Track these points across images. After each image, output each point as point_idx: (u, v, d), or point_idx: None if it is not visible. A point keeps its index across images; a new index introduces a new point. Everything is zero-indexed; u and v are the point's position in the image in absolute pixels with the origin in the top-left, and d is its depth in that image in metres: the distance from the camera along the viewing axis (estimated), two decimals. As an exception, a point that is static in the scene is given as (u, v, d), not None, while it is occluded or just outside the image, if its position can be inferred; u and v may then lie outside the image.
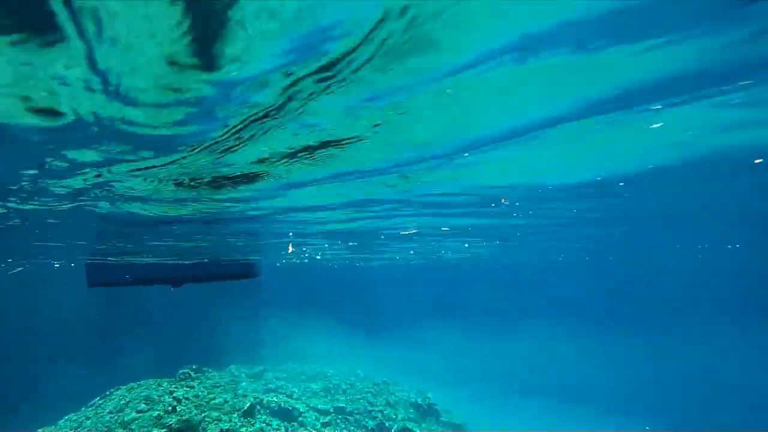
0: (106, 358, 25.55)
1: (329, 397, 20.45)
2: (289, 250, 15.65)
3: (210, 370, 21.39)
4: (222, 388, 18.82)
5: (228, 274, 18.52)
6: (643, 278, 43.78)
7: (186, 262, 20.01)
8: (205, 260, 20.40)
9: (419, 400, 22.38)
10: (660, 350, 45.63)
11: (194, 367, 20.86)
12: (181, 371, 19.76)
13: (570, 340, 47.14)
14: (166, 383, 18.21)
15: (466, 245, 20.88)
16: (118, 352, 26.47)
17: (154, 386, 17.77)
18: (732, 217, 12.51)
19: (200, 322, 32.16)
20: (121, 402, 16.43)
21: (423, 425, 19.91)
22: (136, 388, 17.59)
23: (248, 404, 16.85)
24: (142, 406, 15.84)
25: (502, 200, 9.60)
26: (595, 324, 53.28)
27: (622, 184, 8.43)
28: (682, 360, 42.06)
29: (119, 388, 17.77)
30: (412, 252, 23.66)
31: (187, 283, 15.69)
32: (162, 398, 16.57)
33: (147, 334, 28.28)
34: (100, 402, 16.77)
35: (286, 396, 19.23)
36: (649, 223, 13.84)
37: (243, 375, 21.37)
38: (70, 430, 15.15)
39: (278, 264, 27.71)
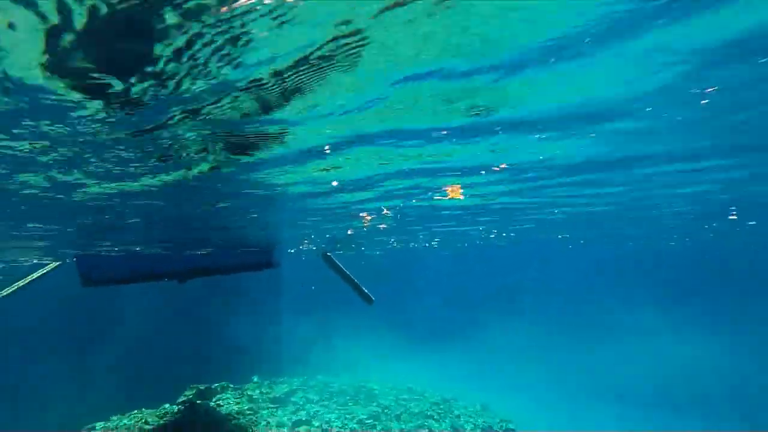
0: (69, 376, 19.51)
1: (380, 427, 15.08)
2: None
3: (222, 391, 16.26)
4: (236, 422, 13.61)
5: (242, 264, 14.41)
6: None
7: (194, 253, 15.75)
8: (212, 251, 15.57)
9: (494, 425, 16.90)
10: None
11: (201, 388, 15.76)
12: (181, 398, 14.66)
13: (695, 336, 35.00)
14: (157, 418, 13.09)
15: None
16: (84, 367, 20.17)
17: (140, 423, 12.67)
18: None
19: (203, 322, 24.98)
20: (91, 452, 11.39)
21: (512, 466, 14.40)
22: (115, 427, 12.53)
23: (272, 452, 11.60)
24: (118, 461, 10.76)
25: None
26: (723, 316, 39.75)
27: None
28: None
29: (93, 429, 12.72)
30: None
31: (197, 276, 11.54)
32: (149, 444, 11.46)
33: (127, 339, 21.57)
34: (61, 452, 11.76)
35: (323, 431, 13.94)
36: None
37: (266, 398, 16.16)
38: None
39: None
